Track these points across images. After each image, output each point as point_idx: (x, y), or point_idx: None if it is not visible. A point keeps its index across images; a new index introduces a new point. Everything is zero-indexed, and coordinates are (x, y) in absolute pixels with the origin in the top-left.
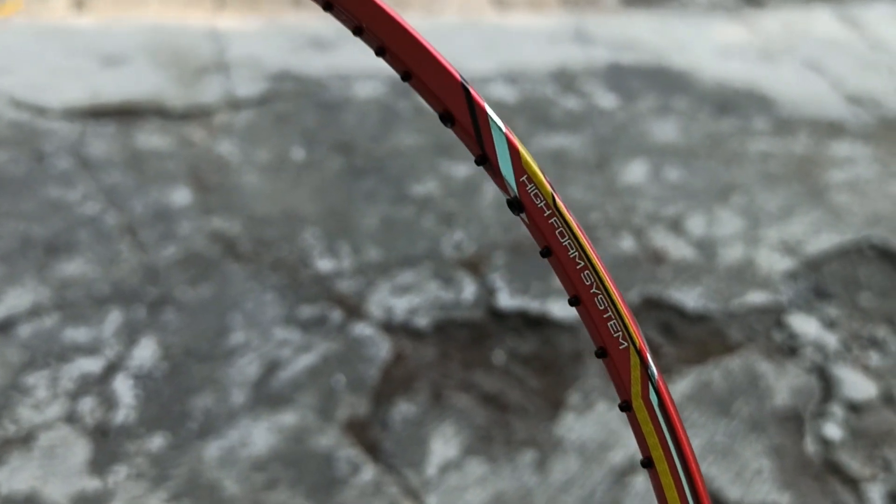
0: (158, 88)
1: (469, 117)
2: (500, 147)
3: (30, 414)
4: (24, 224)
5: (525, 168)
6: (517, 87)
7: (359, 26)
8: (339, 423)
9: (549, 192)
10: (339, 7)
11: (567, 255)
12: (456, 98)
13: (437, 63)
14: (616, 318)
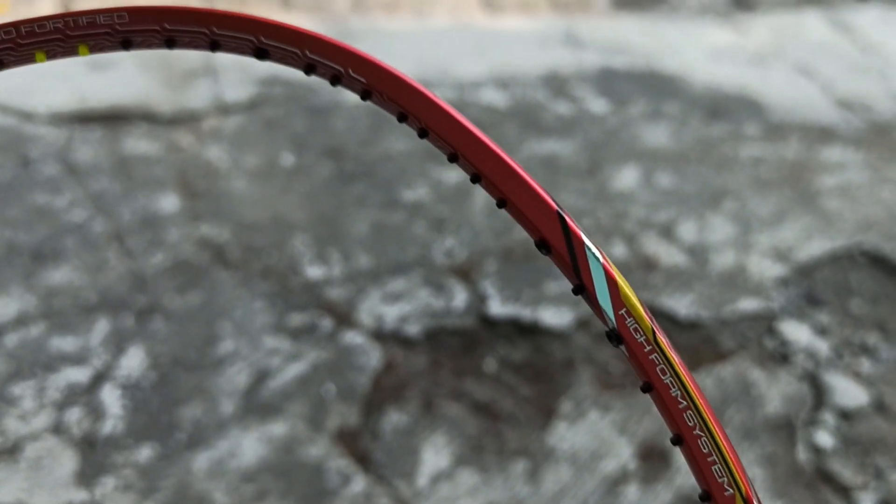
0: (146, 93)
1: (565, 246)
2: (598, 278)
3: (16, 425)
4: (9, 231)
5: (624, 301)
6: (508, 92)
7: (454, 153)
8: (329, 432)
9: (650, 326)
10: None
11: (669, 393)
12: (552, 227)
13: (533, 191)
14: (721, 462)
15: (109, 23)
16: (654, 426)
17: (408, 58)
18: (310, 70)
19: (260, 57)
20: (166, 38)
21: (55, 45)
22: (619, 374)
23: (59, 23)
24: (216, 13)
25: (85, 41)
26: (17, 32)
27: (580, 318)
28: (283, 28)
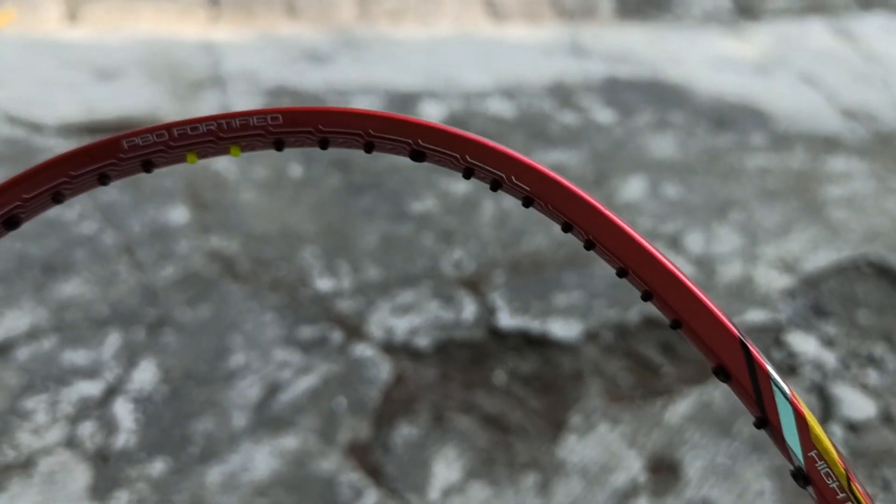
0: (154, 103)
1: (748, 377)
2: (785, 414)
3: (29, 439)
4: (20, 243)
5: (815, 442)
6: (514, 103)
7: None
8: (340, 446)
9: (843, 472)
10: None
11: None
12: (733, 355)
13: (712, 315)
14: None
15: (263, 125)
16: (664, 439)
17: (414, 67)
18: (468, 174)
19: (416, 159)
20: (320, 139)
21: (207, 147)
22: (628, 386)
23: (213, 125)
24: (374, 115)
25: (237, 142)
26: (170, 135)
27: (589, 330)
28: (444, 132)
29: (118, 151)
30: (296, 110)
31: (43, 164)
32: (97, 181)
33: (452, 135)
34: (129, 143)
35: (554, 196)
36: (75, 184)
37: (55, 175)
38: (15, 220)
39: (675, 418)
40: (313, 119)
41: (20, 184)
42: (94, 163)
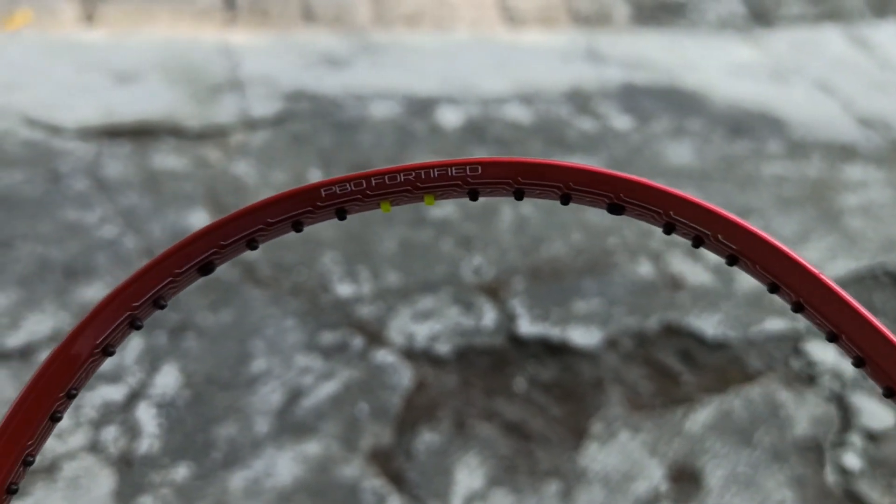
0: (173, 107)
1: None
2: None
3: (53, 443)
4: (41, 247)
5: None
6: (532, 108)
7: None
8: (363, 452)
9: None
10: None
11: None
12: None
13: None
14: None
15: (461, 175)
16: (685, 447)
17: (431, 72)
18: (669, 230)
19: (614, 212)
20: (516, 190)
21: (402, 196)
22: (649, 394)
23: (411, 175)
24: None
25: (432, 192)
26: (367, 184)
27: (609, 337)
28: (649, 187)
29: (316, 199)
30: (496, 161)
31: (243, 210)
32: (291, 228)
33: (657, 191)
34: (326, 191)
35: (762, 256)
36: (270, 231)
37: (254, 222)
38: (210, 266)
39: (696, 427)
40: (513, 171)
41: (220, 230)
42: (292, 210)
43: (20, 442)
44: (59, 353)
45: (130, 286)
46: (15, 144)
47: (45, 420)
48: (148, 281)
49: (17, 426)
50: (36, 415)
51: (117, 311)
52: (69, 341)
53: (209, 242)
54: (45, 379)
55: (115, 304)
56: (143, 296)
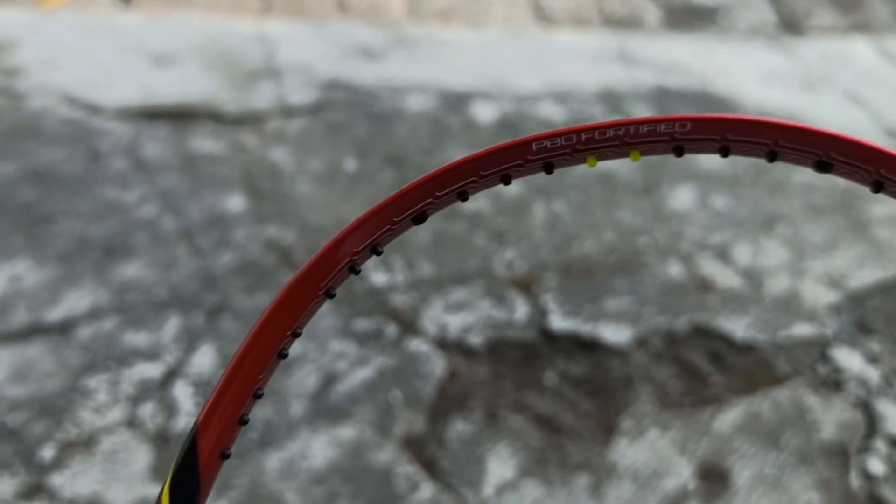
0: (210, 91)
1: None
2: None
3: (91, 417)
4: (81, 224)
5: None
6: (566, 107)
7: None
8: (396, 438)
9: None
10: None
11: None
12: None
13: None
14: None
15: (670, 131)
16: (714, 447)
17: (465, 67)
18: (878, 188)
19: (821, 170)
20: (722, 147)
21: (609, 151)
22: (678, 393)
23: (620, 130)
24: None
25: (639, 147)
26: (577, 138)
27: (639, 336)
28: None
29: (527, 153)
30: (706, 118)
31: (458, 162)
32: (500, 181)
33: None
34: (538, 144)
35: None
36: (481, 183)
37: (467, 174)
38: (424, 216)
39: (725, 427)
40: (722, 128)
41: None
42: (503, 164)
43: (252, 377)
44: (286, 295)
45: (351, 233)
46: (55, 122)
47: (273, 357)
48: (368, 228)
49: (250, 362)
50: (266, 352)
51: (340, 256)
52: (296, 284)
53: (426, 192)
54: (274, 319)
55: (338, 249)
56: (363, 242)
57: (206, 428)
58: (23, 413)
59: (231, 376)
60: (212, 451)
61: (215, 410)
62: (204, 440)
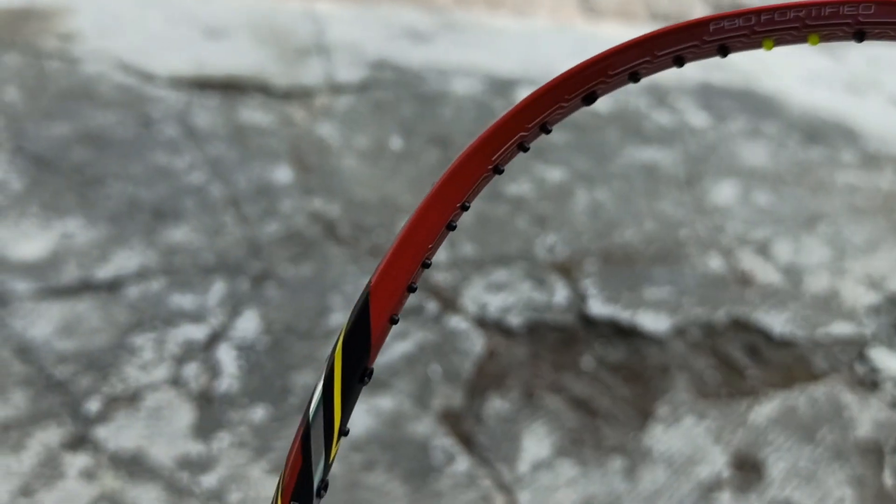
0: (261, 65)
1: None
2: None
3: (136, 374)
4: (132, 187)
5: None
6: (610, 98)
7: None
8: (434, 411)
9: None
10: None
11: None
12: None
13: None
14: None
15: (853, 14)
16: (749, 437)
17: (511, 54)
18: None
19: None
20: None
21: (787, 34)
22: (715, 384)
23: (801, 12)
24: None
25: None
26: (756, 20)
27: (678, 325)
28: None
29: (703, 34)
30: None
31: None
32: (673, 62)
33: None
34: (715, 25)
35: None
36: (654, 64)
37: (641, 54)
38: (593, 96)
39: (760, 419)
40: None
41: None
42: (678, 44)
43: (423, 245)
44: (459, 166)
45: (524, 109)
46: (109, 87)
47: (442, 228)
48: (540, 105)
49: (422, 231)
50: (436, 222)
51: (511, 132)
52: (469, 156)
53: (598, 71)
54: (445, 189)
55: (509, 126)
56: (533, 119)
57: (377, 291)
58: (70, 366)
59: (403, 243)
60: (381, 314)
61: (387, 275)
62: (375, 303)
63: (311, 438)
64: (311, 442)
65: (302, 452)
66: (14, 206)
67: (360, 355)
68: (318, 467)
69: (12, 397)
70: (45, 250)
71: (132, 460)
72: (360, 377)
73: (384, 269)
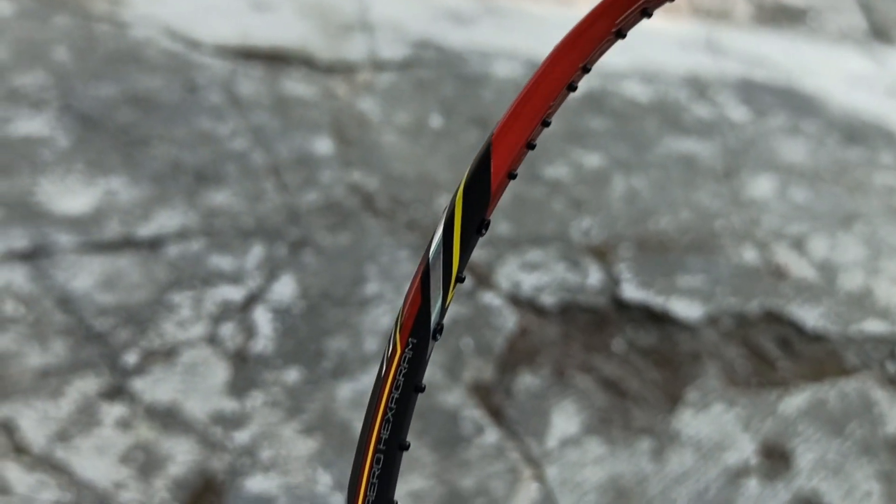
0: (305, 39)
1: None
2: None
3: (174, 330)
4: (175, 150)
5: None
6: (651, 87)
7: None
8: (465, 383)
9: None
10: None
11: None
12: None
13: None
14: None
15: None
16: (778, 427)
17: (553, 40)
18: None
19: None
20: None
21: None
22: (745, 373)
23: None
24: None
25: None
26: None
27: (710, 314)
28: None
29: None
30: None
31: None
32: None
33: None
34: None
35: None
36: None
37: None
38: None
39: (790, 410)
40: None
41: None
42: None
43: (544, 102)
44: (584, 26)
45: None
46: (156, 52)
47: (563, 87)
48: None
49: (544, 88)
50: (558, 80)
51: None
52: (595, 16)
53: None
54: (569, 48)
55: None
56: None
57: (499, 144)
58: (110, 319)
59: (526, 98)
60: (501, 167)
61: (508, 129)
62: (496, 155)
63: (431, 279)
64: (430, 282)
65: (421, 292)
66: (60, 162)
67: (478, 205)
68: (436, 309)
69: (53, 346)
70: (88, 206)
71: (167, 413)
72: (477, 227)
73: (506, 123)
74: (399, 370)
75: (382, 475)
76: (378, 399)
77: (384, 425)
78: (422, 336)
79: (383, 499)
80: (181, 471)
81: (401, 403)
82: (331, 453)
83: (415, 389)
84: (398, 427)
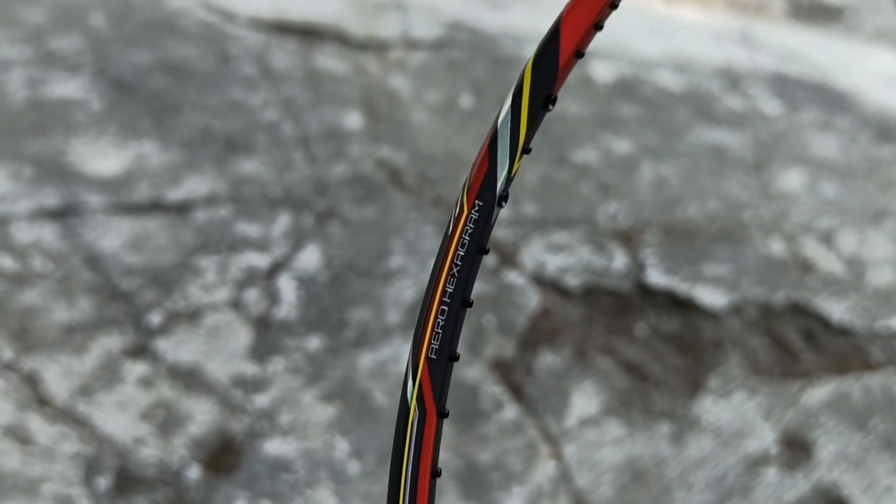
0: (339, 15)
1: None
2: None
3: (199, 293)
4: (207, 117)
5: None
6: (684, 77)
7: None
8: (486, 359)
9: None
10: None
11: None
12: None
13: None
14: None
15: None
16: (800, 418)
17: None
18: None
19: None
20: None
21: None
22: (768, 363)
23: None
24: None
25: None
26: None
27: (735, 303)
28: None
29: None
30: None
31: None
32: None
33: None
34: None
35: None
36: None
37: None
38: None
39: (812, 402)
40: None
41: None
42: None
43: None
44: None
45: None
46: (191, 22)
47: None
48: None
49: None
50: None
51: None
52: None
53: None
54: None
55: None
56: None
57: (567, 21)
58: (136, 279)
59: None
60: (569, 45)
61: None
62: (564, 32)
63: (498, 146)
64: (497, 148)
65: (489, 157)
66: (93, 124)
67: (546, 80)
68: (502, 175)
69: (79, 302)
70: (119, 168)
71: (189, 373)
72: (544, 102)
73: (575, 2)
74: (465, 230)
75: (446, 326)
76: (444, 256)
77: (449, 279)
78: (488, 199)
79: (445, 349)
80: (200, 430)
81: (465, 261)
82: (349, 420)
83: (479, 251)
84: (463, 283)
